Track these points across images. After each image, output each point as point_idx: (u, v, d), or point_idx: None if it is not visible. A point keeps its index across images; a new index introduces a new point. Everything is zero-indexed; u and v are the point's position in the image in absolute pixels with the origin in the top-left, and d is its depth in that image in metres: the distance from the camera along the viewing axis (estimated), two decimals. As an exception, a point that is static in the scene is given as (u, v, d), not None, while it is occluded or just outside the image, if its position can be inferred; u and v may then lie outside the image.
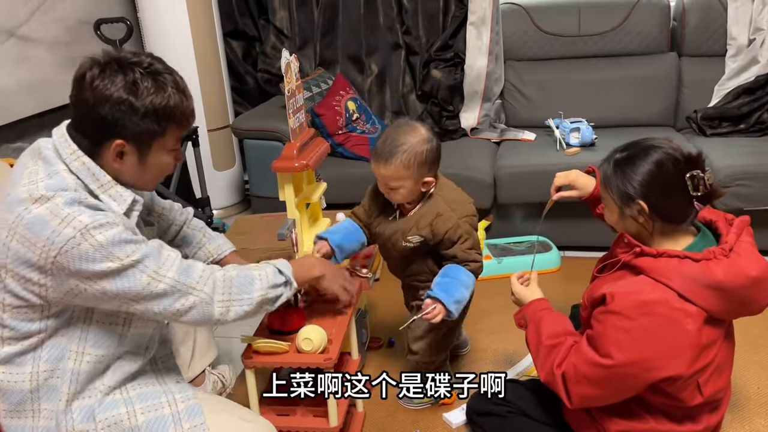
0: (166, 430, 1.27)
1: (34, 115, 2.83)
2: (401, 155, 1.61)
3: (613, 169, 1.42)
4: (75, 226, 1.15)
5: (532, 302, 1.63)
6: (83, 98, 1.20)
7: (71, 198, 1.18)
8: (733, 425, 1.77)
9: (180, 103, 1.25)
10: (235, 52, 3.71)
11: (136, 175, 1.29)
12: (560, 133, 2.92)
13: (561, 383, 1.46)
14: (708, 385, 1.41)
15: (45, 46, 2.86)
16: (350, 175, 2.88)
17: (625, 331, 1.35)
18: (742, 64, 3.02)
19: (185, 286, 1.26)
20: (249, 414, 1.42)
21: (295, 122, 1.77)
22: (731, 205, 2.57)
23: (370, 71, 3.49)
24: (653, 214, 1.39)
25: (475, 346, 2.18)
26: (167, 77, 1.24)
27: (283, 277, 1.40)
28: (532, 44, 3.31)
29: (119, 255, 1.18)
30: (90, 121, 1.21)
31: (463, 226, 1.69)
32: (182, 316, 1.28)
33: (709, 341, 1.38)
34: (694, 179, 1.36)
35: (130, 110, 1.19)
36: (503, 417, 1.66)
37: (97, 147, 1.24)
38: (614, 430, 1.50)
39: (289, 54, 1.74)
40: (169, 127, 1.25)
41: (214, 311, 1.30)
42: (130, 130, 1.21)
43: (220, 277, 1.32)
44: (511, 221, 2.91)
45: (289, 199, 1.75)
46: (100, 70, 1.19)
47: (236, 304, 1.32)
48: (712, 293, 1.33)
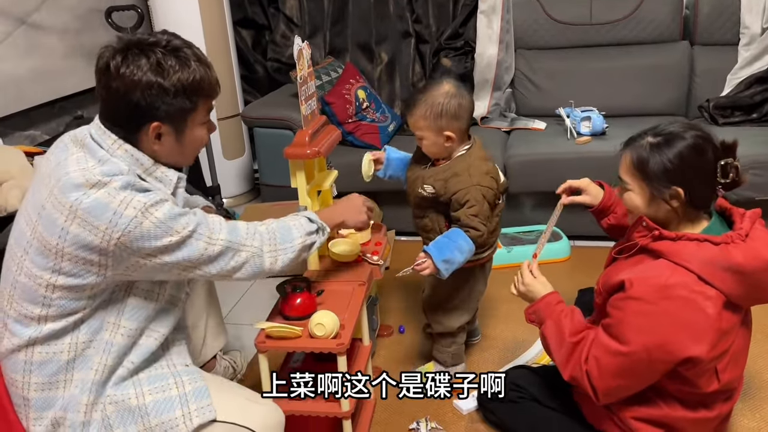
0: (173, 411, 1.29)
1: (45, 103, 2.84)
2: (420, 106, 1.72)
3: (650, 152, 1.39)
4: (135, 206, 1.20)
5: (545, 297, 1.59)
6: (113, 88, 1.22)
7: (125, 182, 1.22)
8: (744, 413, 1.77)
9: (205, 75, 1.28)
10: (244, 41, 3.71)
11: (176, 153, 1.34)
12: (571, 122, 2.90)
13: (587, 380, 1.45)
14: (726, 372, 1.42)
15: (56, 34, 2.86)
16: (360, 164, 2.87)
17: (645, 316, 1.35)
18: (755, 53, 2.99)
19: (237, 244, 1.35)
20: (255, 396, 1.44)
21: (307, 109, 1.77)
22: (742, 194, 2.55)
23: (379, 60, 3.48)
24: (686, 198, 1.38)
25: (486, 334, 2.19)
26: (187, 51, 1.27)
27: (315, 224, 1.50)
28: (543, 33, 3.29)
29: (177, 228, 1.25)
30: (123, 109, 1.24)
31: (473, 192, 1.71)
32: (237, 272, 1.37)
33: (729, 327, 1.38)
34: (726, 167, 1.37)
35: (161, 92, 1.23)
36: (514, 402, 1.67)
37: (134, 134, 1.27)
38: (628, 417, 1.50)
39: (301, 41, 1.74)
40: (199, 100, 1.29)
41: (265, 262, 1.39)
42: (164, 111, 1.25)
43: (264, 231, 1.42)
44: (521, 210, 2.90)
45: (301, 186, 1.76)
46: (122, 57, 1.21)
47: (282, 253, 1.41)
48: (731, 276, 1.33)
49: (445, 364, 1.96)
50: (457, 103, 1.71)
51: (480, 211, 1.72)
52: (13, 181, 1.98)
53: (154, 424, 1.28)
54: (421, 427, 1.78)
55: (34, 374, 1.29)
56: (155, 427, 1.28)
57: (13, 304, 1.28)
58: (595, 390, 1.45)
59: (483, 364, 2.06)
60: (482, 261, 1.87)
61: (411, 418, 1.82)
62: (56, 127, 2.94)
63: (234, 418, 1.33)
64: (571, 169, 2.53)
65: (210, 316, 1.94)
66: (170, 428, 1.28)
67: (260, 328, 1.54)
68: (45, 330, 1.27)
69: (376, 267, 1.85)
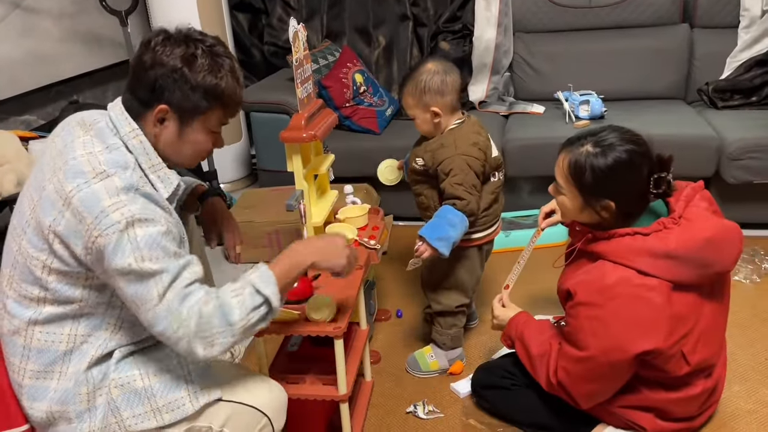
0: (179, 390, 1.30)
1: (40, 88, 2.82)
2: (407, 85, 1.80)
3: (586, 162, 1.39)
4: (124, 213, 1.17)
5: (512, 320, 1.65)
6: (142, 60, 1.25)
7: (129, 182, 1.21)
8: (741, 395, 1.78)
9: (232, 88, 1.30)
10: (241, 25, 3.68)
11: (173, 146, 1.32)
12: (569, 106, 2.89)
13: (561, 390, 1.49)
14: (695, 353, 1.42)
15: (50, 18, 2.84)
16: (358, 148, 2.87)
17: (596, 319, 1.38)
18: (755, 36, 2.97)
19: (178, 315, 1.20)
20: (259, 376, 1.45)
21: (303, 92, 1.76)
22: (741, 178, 2.55)
23: (377, 43, 3.46)
24: (616, 210, 1.40)
25: (483, 319, 2.19)
26: (226, 60, 1.29)
27: (260, 297, 1.26)
28: (541, 15, 3.26)
29: (146, 256, 1.17)
30: (143, 82, 1.26)
31: (457, 161, 1.74)
32: (176, 345, 1.22)
33: (684, 310, 1.38)
34: (659, 181, 1.38)
35: (181, 80, 1.24)
36: (507, 389, 1.68)
37: (144, 109, 1.28)
38: (615, 405, 1.52)
39: (297, 23, 1.72)
40: (214, 107, 1.29)
41: (197, 348, 1.21)
42: (177, 99, 1.26)
43: (206, 312, 1.21)
44: (519, 195, 2.90)
45: (297, 170, 1.75)
46: (164, 37, 1.25)
47: (220, 337, 1.21)
48: (669, 263, 1.34)
49: (444, 346, 1.97)
50: (440, 80, 1.75)
51: (464, 179, 1.73)
52: (8, 166, 1.97)
53: (161, 404, 1.29)
54: (419, 410, 1.79)
55: (31, 360, 1.29)
56: (162, 407, 1.29)
57: (13, 284, 1.28)
58: (573, 397, 1.48)
59: (478, 348, 2.06)
60: (479, 242, 1.88)
61: (408, 402, 1.83)
62: (52, 111, 2.92)
63: (239, 398, 1.34)
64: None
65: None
66: (177, 407, 1.29)
67: (257, 312, 1.53)
68: (44, 313, 1.26)
69: (374, 251, 1.85)
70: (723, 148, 2.57)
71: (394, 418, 1.79)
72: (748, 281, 2.31)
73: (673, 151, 2.72)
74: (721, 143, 2.58)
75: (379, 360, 2.03)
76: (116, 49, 3.23)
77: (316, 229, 1.85)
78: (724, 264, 1.40)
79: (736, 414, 1.71)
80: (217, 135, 1.37)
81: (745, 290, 2.27)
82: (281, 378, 1.61)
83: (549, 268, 1.68)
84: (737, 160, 2.54)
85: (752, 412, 1.72)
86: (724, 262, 1.40)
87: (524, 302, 2.27)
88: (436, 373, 1.96)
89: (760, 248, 2.48)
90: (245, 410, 1.34)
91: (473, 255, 1.90)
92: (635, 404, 1.52)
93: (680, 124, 2.72)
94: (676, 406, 1.51)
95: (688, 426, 1.58)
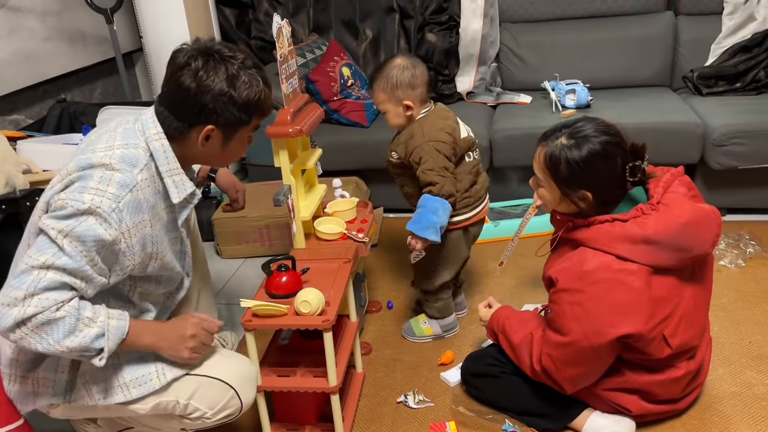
0: (147, 366, 1.36)
1: (28, 87, 2.82)
2: (376, 81, 1.86)
3: (561, 154, 1.42)
4: (95, 200, 1.22)
5: (494, 314, 1.71)
6: (186, 86, 1.30)
7: (128, 182, 1.28)
8: (726, 378, 1.80)
9: (267, 96, 1.39)
10: (228, 20, 3.67)
11: (216, 156, 1.43)
12: (556, 96, 2.91)
13: (545, 376, 1.52)
14: (676, 336, 1.45)
15: (36, 16, 2.83)
16: (346, 142, 2.88)
17: (577, 305, 1.41)
18: (739, 22, 2.99)
19: (28, 292, 1.16)
20: (229, 351, 1.54)
21: (289, 88, 1.77)
22: (726, 163, 2.58)
23: (364, 36, 3.46)
24: (594, 199, 1.43)
25: (472, 307, 2.21)
26: (258, 73, 1.37)
27: (100, 345, 1.23)
28: (527, 5, 3.28)
29: (68, 237, 1.19)
30: (189, 107, 1.32)
31: (426, 148, 1.80)
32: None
33: (664, 293, 1.42)
34: (634, 169, 1.41)
35: (229, 102, 1.32)
36: (496, 377, 1.70)
37: (188, 129, 1.36)
38: (601, 390, 1.55)
39: (280, 19, 1.73)
40: (254, 116, 1.39)
41: (4, 320, 1.16)
42: (224, 119, 1.34)
43: (49, 311, 1.17)
44: (507, 184, 2.92)
45: (284, 165, 1.76)
46: (204, 61, 1.30)
47: (35, 339, 1.18)
48: (647, 248, 1.37)
49: (434, 317, 2.07)
50: (410, 74, 1.83)
51: (434, 164, 1.79)
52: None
53: (128, 379, 1.35)
54: (409, 400, 1.81)
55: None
56: (129, 382, 1.35)
57: None
58: (558, 383, 1.51)
59: (468, 337, 2.09)
60: (463, 224, 1.93)
61: (399, 392, 1.86)
62: (40, 111, 2.92)
63: (206, 371, 1.41)
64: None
65: (201, 296, 1.96)
66: (144, 383, 1.35)
67: (247, 307, 1.55)
68: None
69: (362, 244, 1.87)
70: (708, 134, 2.59)
71: (385, 408, 1.81)
72: (733, 266, 2.34)
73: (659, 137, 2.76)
74: (706, 129, 2.61)
75: (370, 351, 2.05)
76: (103, 47, 3.23)
77: (305, 224, 1.87)
78: (702, 247, 1.42)
79: (721, 396, 1.74)
80: (251, 136, 1.47)
81: (730, 275, 2.30)
82: (272, 371, 1.63)
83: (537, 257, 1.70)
84: (722, 146, 2.56)
85: (736, 395, 1.75)
86: (702, 246, 1.42)
87: (514, 289, 2.30)
88: (430, 339, 2.08)
89: (746, 233, 2.51)
90: (212, 383, 1.41)
91: (458, 237, 1.96)
92: (620, 387, 1.55)
93: (665, 111, 2.74)
94: (660, 388, 1.54)
95: (672, 408, 1.61)
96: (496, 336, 1.68)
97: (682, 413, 1.67)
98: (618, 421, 1.59)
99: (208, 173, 1.87)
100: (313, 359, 1.64)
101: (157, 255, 1.40)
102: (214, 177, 1.88)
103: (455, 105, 3.16)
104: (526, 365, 1.56)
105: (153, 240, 1.36)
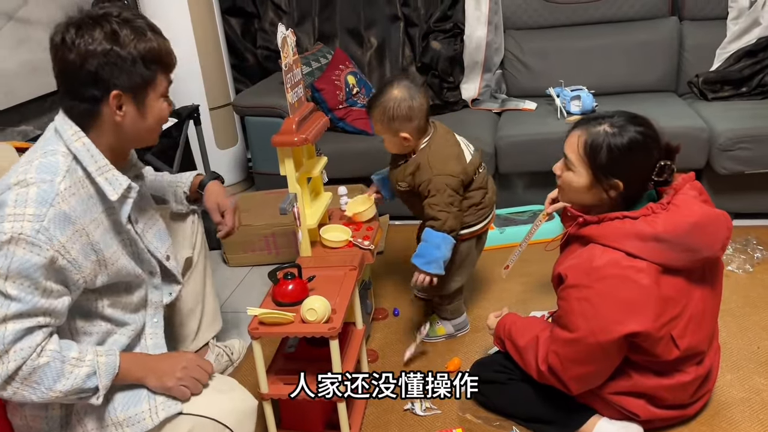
0: (140, 405, 1.30)
1: (36, 98, 2.84)
2: (375, 110, 1.83)
3: (604, 141, 1.43)
4: (15, 227, 1.15)
5: (500, 321, 1.71)
6: (69, 61, 1.20)
7: (47, 196, 1.18)
8: (734, 384, 1.79)
9: (162, 44, 1.27)
10: (233, 30, 3.70)
11: (139, 127, 1.30)
12: (561, 102, 2.91)
13: (551, 376, 1.52)
14: (684, 338, 1.45)
15: (44, 28, 2.86)
16: (351, 150, 2.89)
17: (585, 301, 1.41)
18: (744, 27, 2.98)
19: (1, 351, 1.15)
20: (226, 384, 1.41)
21: (294, 97, 1.78)
22: (732, 168, 2.57)
23: (369, 44, 3.48)
24: (623, 191, 1.44)
25: (477, 314, 2.21)
26: (141, 22, 1.25)
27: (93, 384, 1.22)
28: (531, 12, 3.28)
29: (9, 277, 1.14)
30: (81, 81, 1.22)
31: (435, 182, 1.80)
32: None
33: (673, 293, 1.42)
34: (664, 167, 1.42)
35: (118, 59, 1.21)
36: (504, 384, 1.70)
37: (96, 106, 1.24)
38: (607, 392, 1.54)
39: (285, 28, 1.74)
40: (158, 69, 1.27)
41: (5, 392, 1.17)
42: (123, 79, 1.23)
43: (31, 361, 1.16)
44: (513, 191, 2.92)
45: (290, 174, 1.77)
46: (76, 29, 1.20)
47: (28, 391, 1.18)
48: (656, 246, 1.37)
49: (446, 318, 2.10)
50: (407, 106, 1.79)
51: (439, 200, 1.80)
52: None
53: (121, 418, 1.29)
54: (416, 408, 1.81)
55: None
56: (123, 421, 1.29)
57: None
58: (564, 382, 1.50)
59: (474, 344, 2.08)
60: (477, 233, 1.98)
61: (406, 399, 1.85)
62: (48, 121, 2.90)
63: (200, 410, 1.31)
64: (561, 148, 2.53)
65: (207, 303, 1.97)
66: (136, 422, 1.29)
67: (253, 315, 1.56)
68: None
69: (368, 252, 1.87)
70: (714, 139, 2.59)
71: (392, 416, 1.81)
72: (740, 271, 2.33)
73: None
74: (712, 134, 2.60)
75: (376, 359, 2.05)
76: (110, 58, 3.25)
77: (311, 232, 1.88)
78: (711, 249, 1.43)
79: (729, 402, 1.73)
80: (167, 97, 1.34)
81: (738, 280, 2.29)
82: (279, 380, 1.64)
83: (544, 262, 1.70)
84: (728, 150, 2.56)
85: (745, 401, 1.74)
86: (711, 248, 1.43)
87: (521, 295, 2.30)
88: (444, 338, 2.11)
89: (753, 237, 2.50)
90: (206, 423, 1.31)
91: (470, 246, 1.99)
92: (627, 390, 1.54)
93: (671, 116, 2.74)
94: (668, 392, 1.53)
95: (681, 414, 1.61)
96: (502, 342, 1.68)
97: (691, 420, 1.66)
98: (626, 427, 1.58)
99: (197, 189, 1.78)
100: (319, 367, 1.64)
101: (106, 262, 1.31)
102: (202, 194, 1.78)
103: (460, 112, 3.17)
104: (531, 367, 1.56)
105: (96, 248, 1.28)
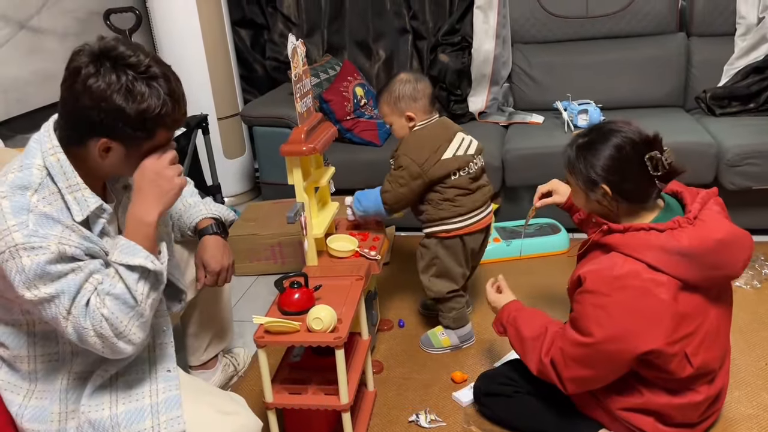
0: (143, 422, 1.28)
1: (47, 106, 2.87)
2: (382, 95, 2.01)
3: (576, 154, 1.47)
4: (7, 242, 1.14)
5: (505, 307, 1.68)
6: (75, 95, 1.17)
7: (21, 204, 1.17)
8: (742, 400, 1.78)
9: (171, 111, 1.20)
10: (243, 41, 3.73)
11: (122, 168, 1.27)
12: (568, 116, 2.92)
13: (552, 370, 1.50)
14: (698, 355, 1.43)
15: (56, 37, 2.89)
16: (359, 161, 2.90)
17: (602, 308, 1.39)
18: (752, 43, 2.99)
19: (89, 331, 1.19)
20: (231, 405, 1.39)
21: (303, 107, 1.79)
22: (740, 184, 2.57)
23: (377, 57, 3.50)
24: (616, 195, 1.44)
25: (482, 325, 2.20)
26: (162, 83, 1.19)
27: (134, 270, 1.22)
28: (539, 26, 3.30)
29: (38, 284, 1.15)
30: (77, 118, 1.19)
31: (400, 158, 1.96)
32: (106, 352, 1.23)
33: (689, 309, 1.40)
34: (653, 160, 1.41)
35: (120, 117, 1.16)
36: (509, 397, 1.69)
37: (84, 138, 1.21)
38: (616, 408, 1.53)
39: (295, 39, 1.76)
40: (157, 131, 1.22)
41: (122, 345, 1.22)
42: (118, 134, 1.19)
43: (104, 316, 1.19)
44: (519, 204, 2.92)
45: (298, 183, 1.78)
46: (95, 69, 1.15)
47: (134, 324, 1.22)
48: (680, 260, 1.36)
49: (450, 327, 2.10)
50: (412, 87, 1.96)
51: (395, 174, 1.95)
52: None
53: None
54: (421, 419, 1.80)
55: (2, 371, 1.33)
56: None
57: None
58: (561, 380, 1.49)
59: (479, 357, 2.08)
60: (458, 232, 1.99)
61: (411, 411, 1.85)
62: (58, 129, 2.96)
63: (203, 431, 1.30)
64: (568, 162, 2.55)
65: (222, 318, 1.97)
66: None
67: (259, 324, 1.56)
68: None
69: (374, 262, 1.87)
70: (721, 155, 2.59)
71: (396, 428, 1.80)
72: (748, 287, 2.32)
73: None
74: (720, 150, 2.60)
75: (381, 370, 2.05)
76: (121, 67, 3.28)
77: (317, 241, 1.88)
78: (732, 268, 1.42)
79: (737, 419, 1.72)
80: (167, 144, 1.27)
81: (746, 295, 2.28)
82: (284, 389, 1.63)
83: (549, 276, 1.70)
84: (736, 166, 2.55)
85: (753, 417, 1.72)
86: (733, 266, 1.42)
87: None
88: (449, 350, 2.11)
89: (761, 254, 2.48)
90: None
91: (455, 245, 2.01)
92: (637, 407, 1.52)
93: (678, 131, 2.74)
94: (678, 411, 1.52)
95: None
96: (503, 328, 1.66)
97: (698, 436, 1.64)
98: (632, 442, 1.57)
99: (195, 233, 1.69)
100: (324, 377, 1.64)
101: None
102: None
103: (468, 125, 3.17)
104: (533, 359, 1.54)
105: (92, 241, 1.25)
